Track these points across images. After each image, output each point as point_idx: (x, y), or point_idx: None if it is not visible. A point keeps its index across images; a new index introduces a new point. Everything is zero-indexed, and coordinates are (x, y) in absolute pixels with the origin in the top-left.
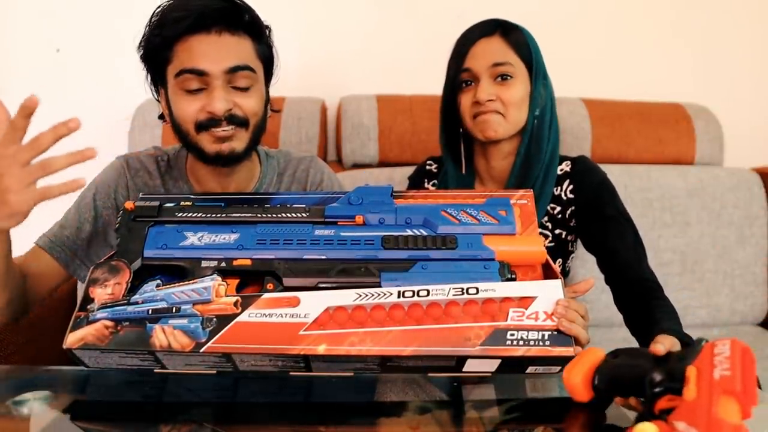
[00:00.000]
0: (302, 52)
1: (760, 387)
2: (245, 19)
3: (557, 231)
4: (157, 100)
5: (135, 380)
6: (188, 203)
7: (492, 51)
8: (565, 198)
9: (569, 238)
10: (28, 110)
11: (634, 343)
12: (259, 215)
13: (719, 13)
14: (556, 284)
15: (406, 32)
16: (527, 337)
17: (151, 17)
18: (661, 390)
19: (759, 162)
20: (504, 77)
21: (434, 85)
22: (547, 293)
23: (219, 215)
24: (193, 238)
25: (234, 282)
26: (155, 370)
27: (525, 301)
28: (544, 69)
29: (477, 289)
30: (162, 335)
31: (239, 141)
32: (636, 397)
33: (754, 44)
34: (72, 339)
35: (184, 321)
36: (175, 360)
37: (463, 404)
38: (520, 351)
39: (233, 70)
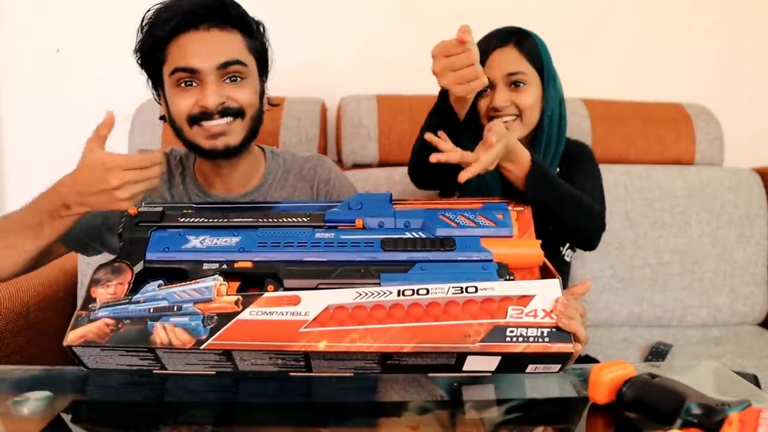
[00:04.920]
0: (302, 52)
1: (759, 387)
2: (233, 14)
3: None
4: (159, 102)
5: (135, 381)
6: (190, 210)
7: (507, 61)
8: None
9: None
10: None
11: (633, 344)
12: (260, 220)
13: (719, 13)
14: (554, 283)
15: (406, 32)
16: (526, 333)
17: (142, 21)
18: (695, 422)
19: (759, 162)
20: (517, 84)
21: (434, 85)
22: (546, 292)
23: (221, 220)
24: (195, 241)
25: (235, 285)
26: (154, 371)
27: (524, 300)
28: (554, 72)
29: (476, 288)
30: (162, 332)
31: (234, 134)
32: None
33: (754, 44)
34: (72, 336)
35: (185, 319)
36: (175, 358)
37: (463, 404)
38: (519, 347)
39: (224, 66)
